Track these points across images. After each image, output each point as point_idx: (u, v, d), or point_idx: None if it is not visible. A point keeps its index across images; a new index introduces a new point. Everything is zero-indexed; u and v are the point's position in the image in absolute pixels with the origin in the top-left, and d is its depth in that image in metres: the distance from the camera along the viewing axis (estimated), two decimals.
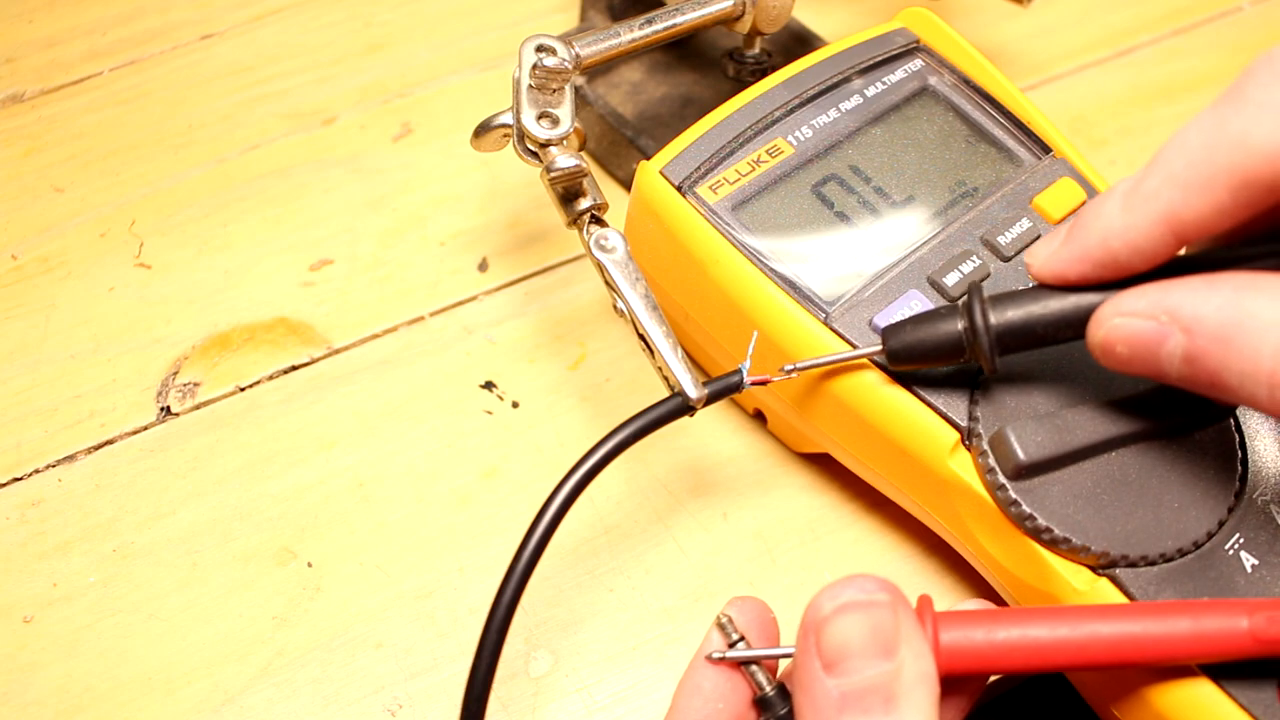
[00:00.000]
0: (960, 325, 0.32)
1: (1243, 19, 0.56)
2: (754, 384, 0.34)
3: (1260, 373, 0.26)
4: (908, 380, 0.34)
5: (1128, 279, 0.30)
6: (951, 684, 0.29)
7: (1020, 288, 0.36)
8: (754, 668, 0.29)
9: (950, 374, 0.34)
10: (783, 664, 0.31)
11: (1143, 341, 0.28)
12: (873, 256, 0.37)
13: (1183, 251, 0.30)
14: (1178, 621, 0.28)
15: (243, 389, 0.42)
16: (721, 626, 0.29)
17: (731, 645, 0.29)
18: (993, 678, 0.34)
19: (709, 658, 0.29)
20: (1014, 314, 0.31)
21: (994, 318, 0.31)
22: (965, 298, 0.32)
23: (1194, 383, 0.28)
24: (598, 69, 0.45)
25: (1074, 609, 0.28)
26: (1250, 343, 0.26)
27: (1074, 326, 0.31)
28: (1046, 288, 0.31)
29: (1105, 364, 0.30)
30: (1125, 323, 0.29)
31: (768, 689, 0.29)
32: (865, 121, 0.39)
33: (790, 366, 0.34)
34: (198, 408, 0.42)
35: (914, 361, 0.33)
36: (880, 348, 0.33)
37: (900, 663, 0.26)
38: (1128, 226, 0.29)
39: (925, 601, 0.28)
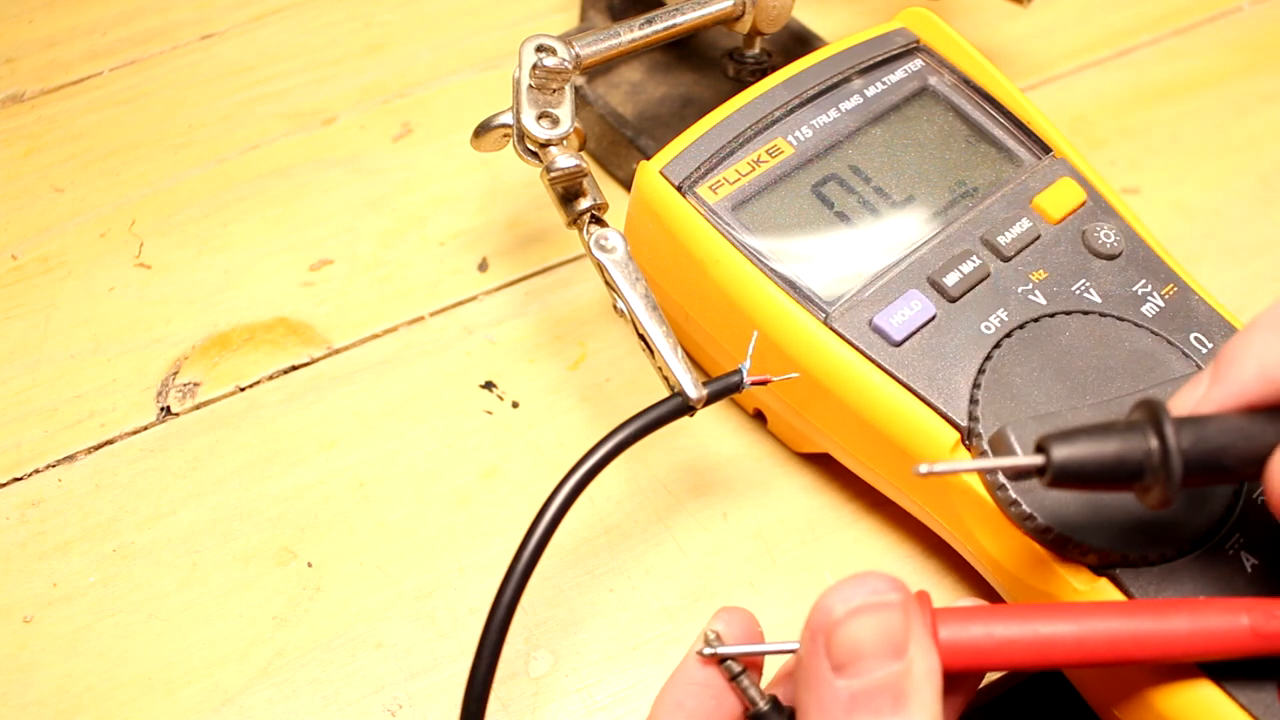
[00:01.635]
0: (1148, 445, 0.27)
1: (1243, 19, 0.56)
2: (754, 384, 0.34)
3: None
4: (907, 380, 0.34)
5: None
6: (948, 680, 0.29)
7: (1020, 290, 0.36)
8: (745, 682, 0.28)
9: (950, 373, 0.34)
10: (768, 668, 0.30)
11: None
12: (873, 256, 0.37)
13: None
14: (1177, 618, 0.28)
15: (243, 389, 0.42)
16: (709, 642, 0.28)
17: (720, 662, 0.28)
18: (990, 676, 0.34)
19: (700, 654, 0.28)
20: (1207, 439, 0.27)
21: (1188, 441, 0.27)
22: (1144, 415, 0.28)
23: None
24: (598, 69, 0.45)
25: (1073, 605, 0.28)
26: None
27: (1261, 462, 0.27)
28: (1228, 416, 0.28)
29: None
30: None
31: (761, 704, 0.28)
32: (865, 121, 0.39)
33: (926, 468, 0.27)
34: (198, 408, 0.42)
35: (1079, 481, 0.28)
36: (1041, 460, 0.28)
37: (910, 661, 0.26)
38: None
39: (924, 598, 0.28)
